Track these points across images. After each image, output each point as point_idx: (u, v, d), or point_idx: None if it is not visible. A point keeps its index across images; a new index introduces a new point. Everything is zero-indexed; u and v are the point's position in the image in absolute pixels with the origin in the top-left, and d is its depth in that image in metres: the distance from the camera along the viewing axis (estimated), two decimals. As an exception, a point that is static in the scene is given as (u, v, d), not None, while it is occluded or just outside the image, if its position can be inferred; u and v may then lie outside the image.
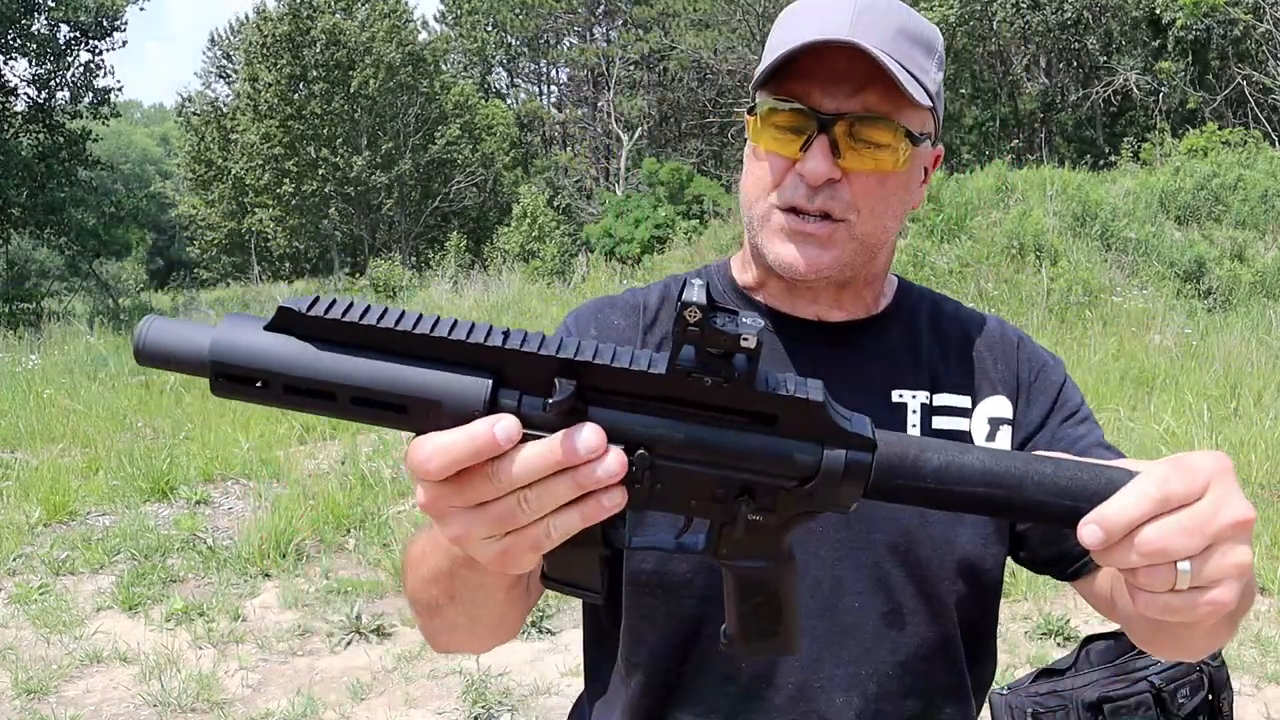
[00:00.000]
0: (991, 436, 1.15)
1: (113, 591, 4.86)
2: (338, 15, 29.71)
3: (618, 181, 29.64)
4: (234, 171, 30.90)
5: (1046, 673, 2.69)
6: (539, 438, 0.67)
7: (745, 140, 1.14)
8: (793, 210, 1.07)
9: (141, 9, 23.12)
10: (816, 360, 1.14)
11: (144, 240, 26.86)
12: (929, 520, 1.10)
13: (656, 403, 0.70)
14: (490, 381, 0.68)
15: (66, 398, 8.49)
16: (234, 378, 0.67)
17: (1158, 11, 22.90)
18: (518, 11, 36.68)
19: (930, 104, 1.06)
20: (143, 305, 19.55)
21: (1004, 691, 2.76)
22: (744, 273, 1.22)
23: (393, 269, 19.14)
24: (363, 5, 31.02)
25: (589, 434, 0.66)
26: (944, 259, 12.24)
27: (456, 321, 0.68)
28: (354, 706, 3.85)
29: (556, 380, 0.67)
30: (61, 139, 20.68)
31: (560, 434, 0.66)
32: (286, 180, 29.19)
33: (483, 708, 3.80)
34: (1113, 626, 3.04)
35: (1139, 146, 20.88)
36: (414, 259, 28.95)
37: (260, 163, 29.40)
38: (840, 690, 1.10)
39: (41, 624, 4.52)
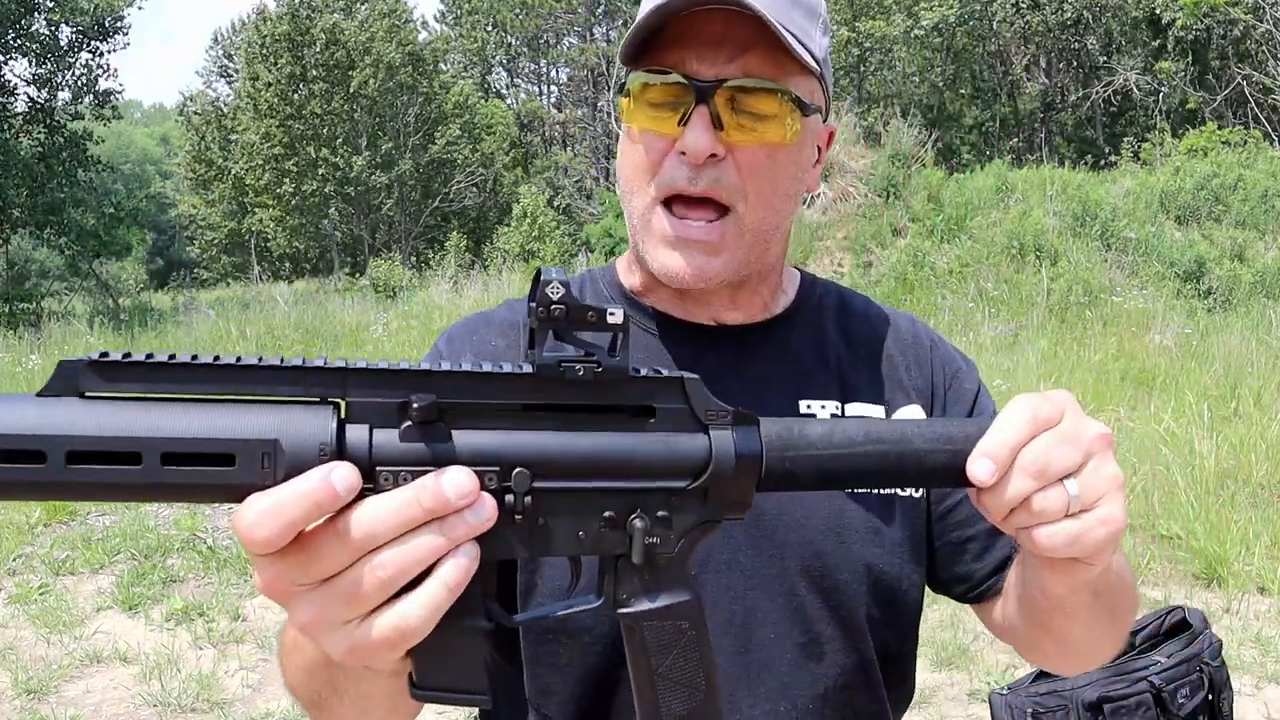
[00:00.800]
0: None
1: (113, 591, 4.86)
2: (337, 15, 29.72)
3: (618, 181, 29.61)
4: (234, 171, 30.89)
5: (1046, 673, 2.69)
6: (398, 476, 0.58)
7: None
8: (676, 201, 0.96)
9: (140, 8, 23.12)
10: (713, 368, 0.95)
11: (144, 240, 26.85)
12: (844, 541, 1.02)
13: (527, 413, 0.63)
14: (333, 410, 0.58)
15: (66, 398, 8.49)
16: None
17: (1158, 11, 22.90)
18: (518, 11, 36.68)
19: (818, 70, 0.95)
20: (143, 305, 19.55)
21: (1004, 691, 2.77)
22: (630, 275, 1.11)
23: (393, 269, 19.13)
24: (362, 5, 31.03)
25: (457, 475, 0.58)
26: (944, 259, 12.24)
27: (283, 358, 0.58)
28: (354, 706, 3.85)
29: (411, 400, 0.59)
30: (62, 139, 20.68)
31: (424, 478, 0.58)
32: (286, 180, 29.19)
33: (483, 708, 3.80)
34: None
35: (1139, 146, 20.88)
36: (414, 259, 28.93)
37: (260, 162, 29.40)
38: None
39: (41, 624, 4.52)
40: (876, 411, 1.07)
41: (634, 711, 0.95)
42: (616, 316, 0.62)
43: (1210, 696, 2.66)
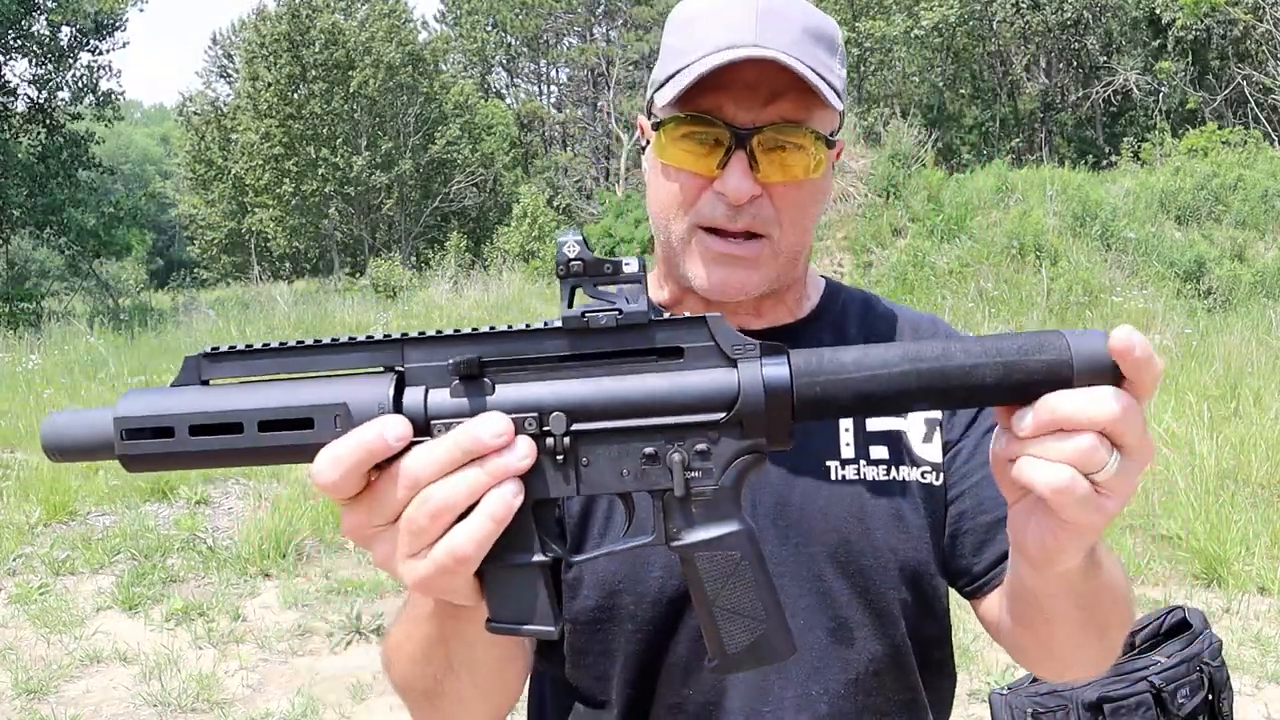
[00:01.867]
0: (929, 438, 1.11)
1: (113, 591, 4.86)
2: (337, 15, 29.72)
3: (618, 181, 29.63)
4: (234, 171, 30.90)
5: (1046, 673, 2.69)
6: (449, 427, 0.67)
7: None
8: (714, 230, 1.03)
9: (141, 10, 23.09)
10: None
11: (144, 241, 26.84)
12: (869, 527, 1.06)
13: (562, 363, 0.70)
14: (392, 378, 0.69)
15: (66, 398, 8.49)
16: (141, 433, 0.68)
17: (1158, 11, 22.90)
18: (518, 11, 36.70)
19: (841, 107, 1.02)
20: (143, 305, 19.55)
21: (1004, 691, 2.77)
22: (659, 290, 1.17)
23: (393, 269, 19.12)
24: (362, 5, 31.02)
25: (491, 419, 0.66)
26: (944, 259, 12.23)
27: (352, 336, 0.71)
28: (354, 706, 3.85)
29: (455, 359, 0.68)
30: (62, 140, 20.68)
31: (462, 424, 0.66)
32: (286, 180, 29.19)
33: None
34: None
35: (1139, 146, 20.88)
36: (414, 259, 28.94)
37: (260, 162, 29.40)
38: (790, 712, 1.05)
39: (41, 624, 4.52)
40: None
41: (658, 694, 1.06)
42: (632, 266, 0.69)
43: (1210, 696, 2.66)
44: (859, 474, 1.08)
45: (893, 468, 1.09)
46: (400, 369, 0.70)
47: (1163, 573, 4.84)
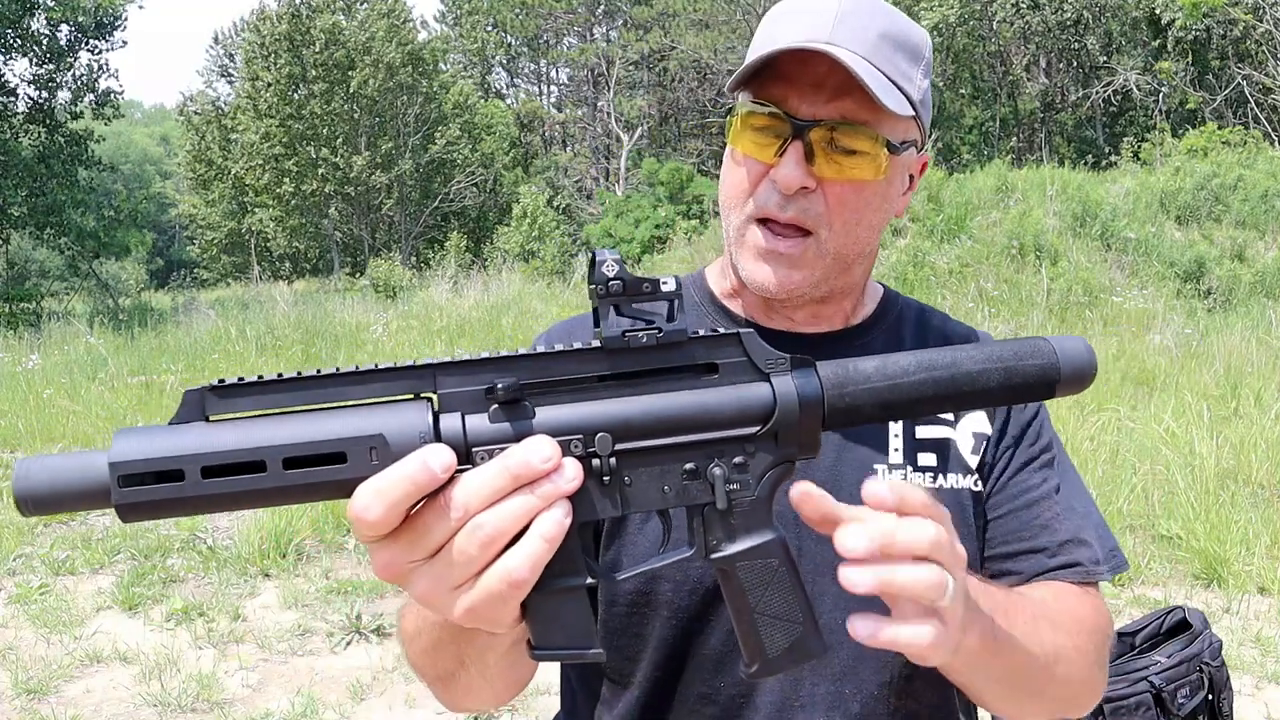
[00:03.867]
0: (976, 450, 1.12)
1: (113, 591, 4.85)
2: (337, 15, 29.72)
3: (618, 181, 29.64)
4: (234, 171, 30.90)
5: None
6: (492, 454, 0.64)
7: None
8: (766, 221, 1.05)
9: (141, 7, 23.08)
10: None
11: (144, 241, 26.85)
12: None
13: (601, 383, 0.69)
14: (428, 405, 0.65)
15: (66, 398, 8.49)
16: (142, 478, 0.60)
17: (1158, 11, 22.90)
18: (518, 11, 36.69)
19: (913, 112, 1.03)
20: (143, 305, 19.55)
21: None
22: (722, 280, 1.20)
23: (393, 269, 19.13)
24: (362, 5, 31.02)
25: (540, 443, 0.64)
26: (944, 259, 12.24)
27: (377, 363, 0.66)
28: (354, 706, 3.85)
29: (497, 384, 0.65)
30: (62, 140, 20.67)
31: (509, 449, 0.63)
32: (286, 180, 29.19)
33: (483, 708, 3.80)
34: (1113, 626, 3.04)
35: (1139, 146, 20.89)
36: (414, 259, 28.94)
37: (260, 162, 29.41)
38: (821, 710, 1.06)
39: (41, 624, 4.51)
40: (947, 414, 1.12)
41: (688, 685, 1.08)
42: (670, 284, 0.68)
43: (1210, 697, 2.66)
44: (905, 479, 1.09)
45: (939, 475, 1.11)
46: (429, 395, 0.66)
47: (1163, 573, 4.84)
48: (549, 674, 4.03)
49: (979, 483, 1.12)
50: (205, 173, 32.91)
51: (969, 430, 1.13)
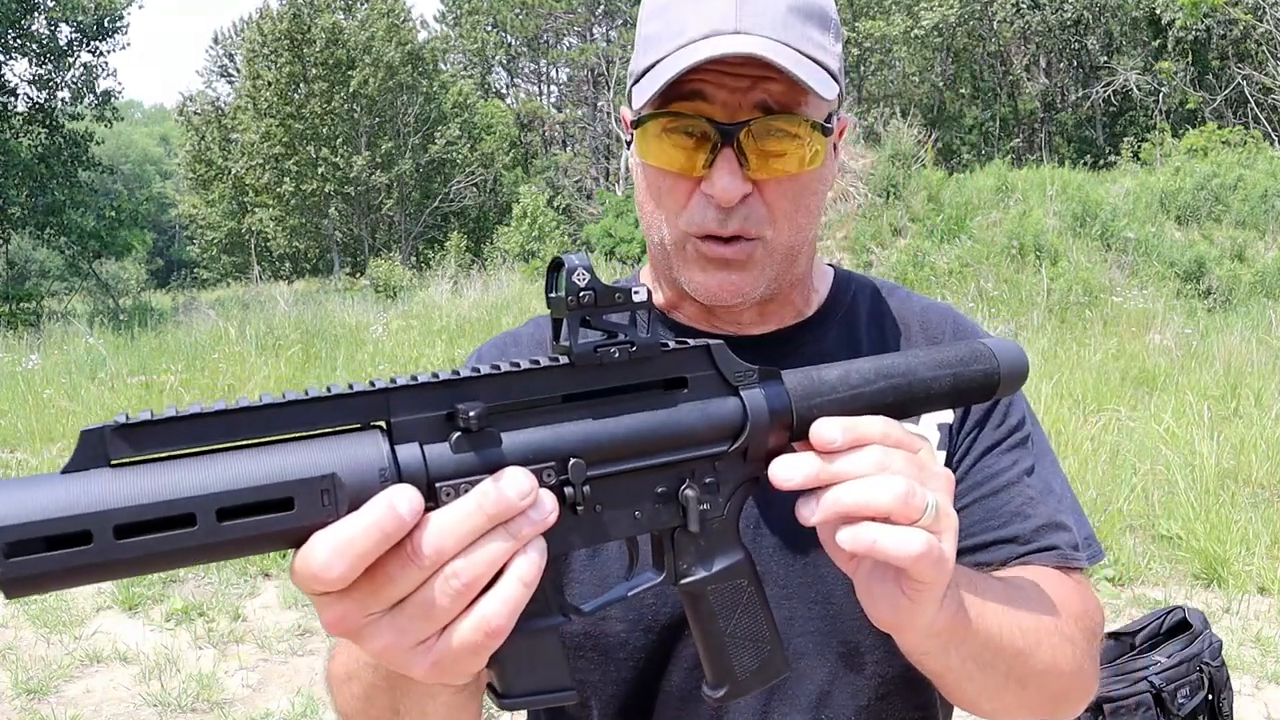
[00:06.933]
0: (942, 444, 1.06)
1: (113, 591, 4.85)
2: (338, 15, 29.74)
3: (618, 181, 29.64)
4: (234, 171, 30.91)
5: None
6: (459, 489, 0.57)
7: None
8: (707, 236, 0.95)
9: (141, 7, 23.10)
10: None
11: (144, 241, 26.86)
12: None
13: (568, 402, 0.63)
14: (381, 436, 0.56)
15: (66, 398, 8.49)
16: (31, 544, 0.47)
17: (1158, 11, 22.91)
18: (518, 11, 36.68)
19: (838, 89, 0.93)
20: (143, 305, 19.55)
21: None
22: (655, 291, 1.10)
23: (393, 269, 19.12)
24: (362, 4, 31.03)
25: (516, 477, 0.57)
26: (944, 259, 12.24)
27: (312, 390, 0.55)
28: (354, 706, 3.85)
29: (457, 409, 0.57)
30: (62, 140, 20.69)
31: (482, 485, 0.56)
32: (286, 180, 29.20)
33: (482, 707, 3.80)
34: (1113, 626, 3.04)
35: (1139, 146, 20.89)
36: (414, 259, 28.95)
37: (260, 162, 29.42)
38: None
39: (41, 624, 4.52)
40: None
41: (668, 718, 0.99)
42: (641, 294, 0.64)
43: (1210, 696, 2.66)
44: None
45: None
46: (381, 424, 0.57)
47: (1163, 573, 4.84)
48: None
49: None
50: (205, 173, 32.92)
51: (932, 423, 1.06)
